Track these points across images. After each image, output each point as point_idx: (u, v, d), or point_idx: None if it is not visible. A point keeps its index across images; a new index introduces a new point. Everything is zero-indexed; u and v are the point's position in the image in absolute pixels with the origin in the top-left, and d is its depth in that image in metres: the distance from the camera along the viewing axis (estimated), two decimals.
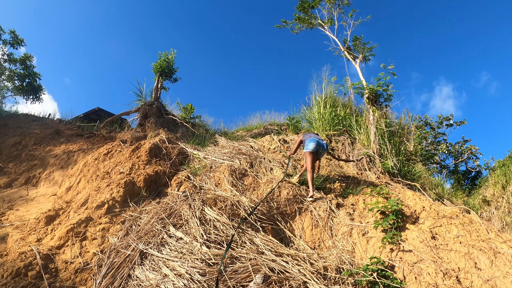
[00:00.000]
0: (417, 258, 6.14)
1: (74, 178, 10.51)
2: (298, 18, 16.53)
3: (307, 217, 7.98)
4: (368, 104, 11.87)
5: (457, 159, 23.10)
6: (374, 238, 6.97)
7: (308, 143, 9.14)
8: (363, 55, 14.51)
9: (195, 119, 16.94)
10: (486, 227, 6.76)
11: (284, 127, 15.72)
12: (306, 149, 9.06)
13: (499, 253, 5.87)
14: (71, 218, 7.87)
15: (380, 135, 11.09)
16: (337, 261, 6.34)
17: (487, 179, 18.62)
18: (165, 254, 6.08)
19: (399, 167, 10.44)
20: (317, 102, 14.21)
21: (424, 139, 20.84)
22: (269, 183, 9.14)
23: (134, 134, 14.27)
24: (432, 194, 10.75)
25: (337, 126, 13.20)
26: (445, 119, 23.96)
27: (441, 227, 6.81)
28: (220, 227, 6.79)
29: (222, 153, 11.32)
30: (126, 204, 8.33)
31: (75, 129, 18.14)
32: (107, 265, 6.18)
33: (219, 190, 8.73)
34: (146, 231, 6.88)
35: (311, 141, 9.14)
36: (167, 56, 17.38)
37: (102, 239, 7.21)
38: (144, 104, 15.92)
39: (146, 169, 9.72)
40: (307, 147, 9.07)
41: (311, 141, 9.13)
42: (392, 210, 7.07)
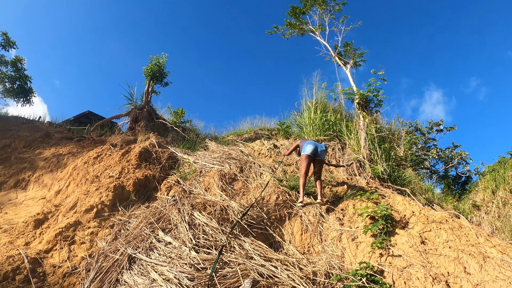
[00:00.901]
0: (406, 263, 6.15)
1: (63, 182, 10.44)
2: (289, 24, 16.61)
3: (296, 222, 7.99)
4: (358, 109, 11.92)
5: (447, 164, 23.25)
6: (364, 243, 6.97)
7: (305, 146, 9.04)
8: (354, 61, 14.60)
9: (185, 123, 16.95)
10: (475, 231, 6.80)
11: (275, 132, 15.75)
12: (303, 152, 8.95)
13: (489, 258, 5.89)
14: (60, 222, 7.83)
15: (370, 141, 11.12)
16: (326, 266, 6.34)
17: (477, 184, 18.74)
18: (153, 258, 6.05)
19: (389, 172, 10.47)
20: (308, 107, 14.25)
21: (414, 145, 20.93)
22: (259, 188, 9.14)
23: (124, 138, 14.24)
24: (422, 199, 10.78)
25: (328, 132, 13.22)
26: (435, 125, 24.14)
27: (431, 232, 6.84)
28: (209, 232, 6.78)
29: (212, 157, 11.32)
30: (115, 208, 8.28)
31: (65, 132, 18.06)
32: (95, 269, 6.16)
33: (208, 194, 8.73)
34: (134, 235, 6.86)
35: (308, 144, 9.06)
36: (158, 60, 17.39)
37: (91, 243, 7.18)
38: (135, 108, 15.91)
39: (136, 173, 9.69)
40: (304, 150, 8.97)
41: (309, 144, 9.05)
42: (381, 215, 7.09)
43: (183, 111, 16.87)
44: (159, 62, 17.34)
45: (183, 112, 16.86)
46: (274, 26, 17.00)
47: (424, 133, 24.26)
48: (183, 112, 16.85)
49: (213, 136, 16.70)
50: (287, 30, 16.93)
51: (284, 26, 16.82)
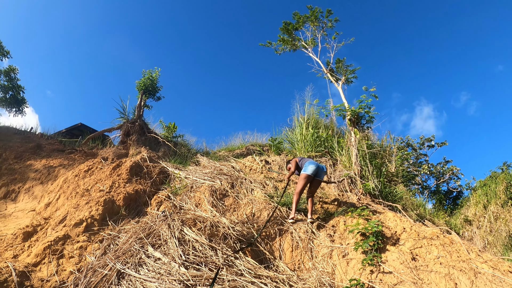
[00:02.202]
0: (397, 279, 6.14)
1: (53, 194, 10.39)
2: (282, 40, 16.69)
3: (287, 239, 7.96)
4: (350, 126, 11.96)
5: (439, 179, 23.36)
6: (354, 259, 6.95)
7: (307, 166, 8.87)
8: (346, 77, 14.66)
9: (177, 138, 16.96)
10: (466, 247, 6.79)
11: (266, 148, 15.74)
12: (304, 171, 8.79)
13: (480, 273, 5.89)
14: (49, 235, 7.76)
15: (362, 157, 11.15)
16: (316, 283, 6.33)
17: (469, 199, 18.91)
18: (142, 274, 6.02)
19: (381, 188, 10.49)
20: (300, 123, 14.31)
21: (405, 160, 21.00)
22: (250, 204, 9.12)
23: (115, 152, 14.22)
24: (414, 214, 10.81)
25: (319, 148, 13.25)
26: (426, 140, 24.30)
27: (422, 248, 6.83)
28: (199, 248, 6.75)
29: (203, 173, 11.31)
30: (104, 223, 8.23)
31: (56, 144, 17.99)
32: (83, 284, 6.09)
33: (199, 210, 8.70)
34: (124, 250, 6.81)
35: (310, 164, 8.89)
36: (151, 74, 17.42)
37: (80, 257, 7.11)
38: (127, 122, 15.92)
39: (126, 187, 9.65)
40: (305, 170, 8.80)
41: (311, 164, 8.88)
42: (372, 232, 7.07)
43: (175, 126, 16.88)
44: (152, 76, 17.36)
45: (175, 126, 16.88)
46: (267, 42, 17.09)
47: (415, 149, 24.40)
48: (175, 126, 16.86)
49: (205, 151, 16.72)
50: (279, 46, 17.01)
51: (277, 42, 16.91)
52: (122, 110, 16.64)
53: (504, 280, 5.68)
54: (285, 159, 13.04)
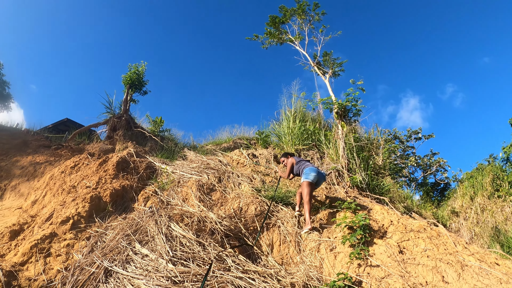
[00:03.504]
0: (384, 273, 6.16)
1: (40, 192, 10.31)
2: (269, 33, 16.62)
3: (275, 233, 7.96)
4: (337, 119, 11.97)
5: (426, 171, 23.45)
6: (342, 253, 6.97)
7: (308, 173, 8.58)
8: (333, 70, 14.66)
9: (164, 132, 16.88)
10: (453, 240, 6.83)
11: (253, 142, 15.71)
12: (306, 179, 8.47)
13: (467, 266, 5.93)
14: (36, 234, 7.69)
15: (349, 150, 11.16)
16: (304, 277, 6.34)
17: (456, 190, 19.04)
18: (130, 271, 6.00)
19: (368, 181, 10.51)
20: (287, 116, 14.30)
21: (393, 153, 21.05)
22: (237, 198, 9.11)
23: (102, 147, 14.13)
24: (401, 207, 10.85)
25: (306, 141, 13.26)
26: (413, 133, 24.36)
27: (409, 241, 6.86)
28: (187, 244, 6.74)
29: (190, 167, 11.28)
30: (91, 220, 8.18)
31: (42, 140, 17.80)
32: (71, 283, 6.06)
33: (186, 205, 8.68)
34: (111, 247, 6.78)
35: (312, 171, 8.59)
36: (137, 68, 17.20)
37: (67, 255, 7.06)
38: (113, 117, 15.80)
39: (113, 183, 9.60)
40: (307, 177, 8.49)
41: (312, 171, 8.59)
42: (359, 225, 7.09)
43: (162, 120, 16.81)
44: (138, 71, 17.17)
45: (162, 121, 16.81)
46: (254, 35, 17.00)
47: (402, 141, 24.46)
48: (162, 121, 16.79)
49: (192, 145, 16.68)
50: (266, 39, 16.93)
51: (264, 35, 16.83)
52: (108, 104, 16.50)
53: (491, 273, 5.72)
54: (272, 153, 13.01)
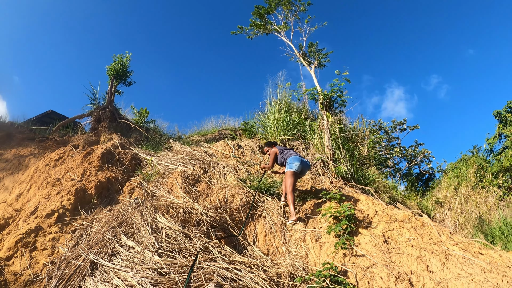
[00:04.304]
0: (369, 262, 6.18)
1: (24, 185, 10.25)
2: (254, 24, 16.57)
3: (260, 223, 7.98)
4: (322, 109, 11.98)
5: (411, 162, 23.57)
6: (327, 243, 6.99)
7: (292, 162, 8.48)
8: (318, 61, 14.68)
9: (149, 123, 16.80)
10: (438, 229, 6.88)
11: (239, 132, 15.73)
12: (290, 168, 8.38)
13: (451, 255, 5.97)
14: (21, 228, 7.67)
15: (334, 140, 11.18)
16: (290, 267, 6.35)
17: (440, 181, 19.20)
18: (116, 264, 5.99)
19: (353, 172, 10.55)
20: (272, 107, 14.29)
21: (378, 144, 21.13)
22: (223, 189, 9.12)
23: (87, 139, 14.04)
24: (386, 197, 10.91)
25: (292, 131, 13.27)
26: (398, 124, 24.44)
27: (394, 231, 6.90)
28: (172, 235, 6.75)
29: (175, 158, 11.27)
30: (77, 212, 8.17)
31: (27, 132, 17.63)
32: (57, 276, 6.06)
33: (171, 197, 8.67)
34: (97, 240, 6.78)
35: (295, 160, 8.49)
36: (122, 59, 17.06)
37: (52, 249, 7.06)
38: (98, 108, 15.66)
39: (98, 175, 9.57)
40: (291, 167, 8.40)
41: (295, 160, 8.49)
42: (345, 215, 7.11)
43: (147, 111, 16.73)
44: (123, 61, 17.04)
45: (147, 112, 16.73)
46: (239, 27, 16.94)
47: (387, 132, 24.54)
48: (146, 112, 16.71)
49: (177, 136, 16.62)
50: (252, 30, 16.87)
51: (249, 26, 16.76)
52: (93, 96, 16.31)
53: (475, 262, 5.78)
54: (257, 143, 13.02)
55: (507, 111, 18.71)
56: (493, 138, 18.99)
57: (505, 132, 17.74)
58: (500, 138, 18.83)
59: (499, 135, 18.78)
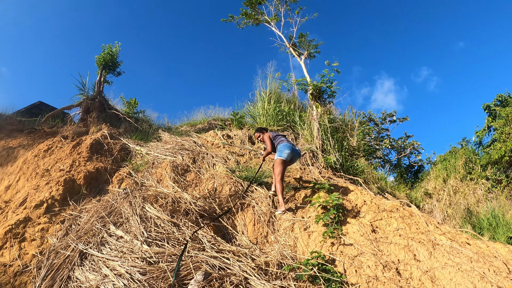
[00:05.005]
0: (357, 251, 6.23)
1: (13, 176, 10.21)
2: (245, 14, 16.47)
3: (249, 213, 8.00)
4: (311, 100, 12.01)
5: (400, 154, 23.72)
6: (316, 232, 7.03)
7: (282, 149, 8.33)
8: (308, 52, 14.66)
9: (138, 114, 16.69)
10: (425, 219, 6.94)
11: (228, 122, 15.72)
12: (280, 156, 8.23)
13: (438, 245, 6.02)
14: (10, 219, 7.64)
15: (323, 131, 11.21)
16: (278, 256, 6.38)
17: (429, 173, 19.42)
18: (105, 253, 6.01)
19: (342, 162, 10.60)
20: (262, 97, 14.33)
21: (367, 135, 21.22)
22: (212, 178, 9.13)
23: (76, 130, 13.99)
24: (375, 188, 10.98)
25: (281, 122, 13.31)
26: (388, 116, 24.58)
27: (382, 220, 6.96)
28: (161, 225, 6.77)
29: (165, 148, 11.27)
30: (65, 203, 8.15)
31: (15, 123, 17.49)
32: (46, 267, 6.06)
33: (160, 186, 8.68)
34: (86, 230, 6.78)
35: (286, 148, 8.33)
36: (111, 49, 16.90)
37: (41, 240, 7.05)
38: (87, 98, 15.56)
39: (87, 165, 9.55)
40: (280, 155, 8.25)
41: (286, 148, 8.32)
42: (333, 205, 7.14)
43: (136, 102, 16.64)
44: (112, 51, 16.89)
45: (136, 102, 16.64)
46: (229, 15, 16.84)
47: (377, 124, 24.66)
48: (136, 102, 16.62)
49: (167, 127, 16.59)
50: (242, 20, 16.77)
51: (240, 16, 16.66)
52: (82, 86, 16.16)
53: (462, 252, 5.84)
54: (247, 133, 13.03)
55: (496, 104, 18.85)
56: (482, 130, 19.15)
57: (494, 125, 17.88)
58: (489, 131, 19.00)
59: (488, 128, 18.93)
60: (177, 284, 5.17)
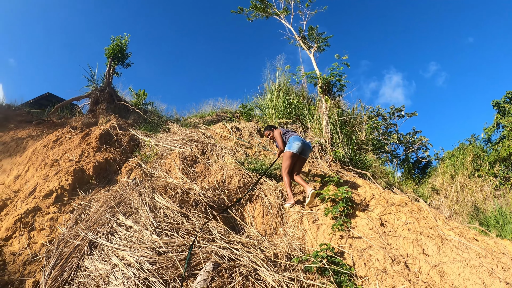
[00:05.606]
0: (366, 244, 6.21)
1: (22, 166, 10.25)
2: (255, 6, 16.38)
3: (258, 205, 7.99)
4: (321, 93, 11.94)
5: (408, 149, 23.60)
6: (324, 225, 7.01)
7: (291, 142, 8.18)
8: (318, 45, 14.58)
9: (147, 105, 16.72)
10: (434, 214, 6.92)
11: (237, 115, 15.70)
12: (289, 149, 8.10)
13: (446, 240, 6.00)
14: (19, 208, 7.65)
15: (332, 124, 11.16)
16: (287, 248, 6.36)
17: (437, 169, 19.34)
18: (114, 243, 6.02)
19: (351, 156, 10.56)
20: (271, 90, 14.26)
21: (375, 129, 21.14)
22: (220, 170, 9.14)
23: (84, 121, 14.02)
24: (383, 182, 10.94)
25: (290, 115, 13.27)
26: (396, 110, 24.43)
27: (390, 214, 6.93)
28: (170, 215, 6.77)
29: (173, 140, 11.28)
30: (75, 193, 8.17)
31: (24, 115, 17.56)
32: (55, 256, 6.08)
33: (169, 177, 8.69)
34: (95, 220, 6.80)
35: (295, 140, 8.18)
36: (120, 41, 16.90)
37: (51, 229, 7.06)
38: (96, 90, 15.57)
39: (96, 156, 9.57)
40: (290, 147, 8.11)
41: (296, 140, 8.18)
42: (342, 198, 7.13)
43: (145, 93, 16.65)
44: (121, 43, 16.89)
45: (145, 94, 16.65)
46: (239, 7, 16.76)
47: (385, 118, 24.51)
48: (145, 94, 16.63)
49: (175, 119, 16.57)
50: (252, 12, 16.67)
51: (249, 8, 16.56)
52: (91, 77, 16.18)
53: (470, 247, 5.82)
54: (255, 126, 13.01)
55: (506, 101, 18.72)
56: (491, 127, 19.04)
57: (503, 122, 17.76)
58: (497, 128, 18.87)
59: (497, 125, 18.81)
60: (187, 274, 5.18)
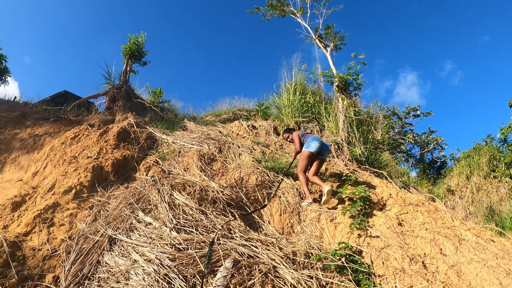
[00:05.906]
0: (384, 243, 6.22)
1: (40, 163, 10.33)
2: (271, 5, 16.35)
3: (275, 203, 8.01)
4: (337, 92, 11.92)
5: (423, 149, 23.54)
6: (342, 224, 7.03)
7: (310, 142, 8.25)
8: (334, 44, 14.54)
9: (164, 103, 16.80)
10: (451, 215, 6.90)
11: (253, 113, 15.70)
12: (306, 148, 8.19)
13: (464, 240, 5.99)
14: (38, 204, 7.72)
15: (349, 123, 11.13)
16: (305, 246, 6.37)
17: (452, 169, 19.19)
18: (134, 239, 6.07)
19: (367, 155, 10.53)
20: (287, 89, 14.23)
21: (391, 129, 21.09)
22: (238, 168, 9.16)
23: (102, 118, 14.13)
24: (398, 182, 10.88)
25: (306, 113, 13.24)
26: (412, 110, 24.38)
27: (408, 214, 6.92)
28: (189, 212, 6.80)
29: (190, 137, 11.31)
30: (94, 189, 8.23)
31: (41, 112, 17.77)
32: (75, 251, 6.12)
33: (187, 175, 8.73)
34: (114, 216, 6.84)
35: (314, 140, 8.27)
36: (137, 39, 17.03)
37: (70, 225, 7.12)
38: (113, 88, 15.69)
39: (114, 153, 9.63)
40: (307, 147, 8.20)
41: (314, 140, 8.26)
42: (359, 197, 7.14)
43: (162, 91, 16.72)
44: (138, 41, 17.01)
45: (162, 92, 16.73)
46: (255, 7, 16.74)
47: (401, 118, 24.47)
48: (161, 92, 16.71)
49: (192, 117, 16.62)
50: (268, 11, 16.63)
51: (265, 7, 16.52)
52: (108, 75, 16.35)
53: (487, 248, 5.81)
54: (272, 124, 13.00)
55: None
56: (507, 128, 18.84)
57: None
58: None
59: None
60: (207, 271, 5.20)
